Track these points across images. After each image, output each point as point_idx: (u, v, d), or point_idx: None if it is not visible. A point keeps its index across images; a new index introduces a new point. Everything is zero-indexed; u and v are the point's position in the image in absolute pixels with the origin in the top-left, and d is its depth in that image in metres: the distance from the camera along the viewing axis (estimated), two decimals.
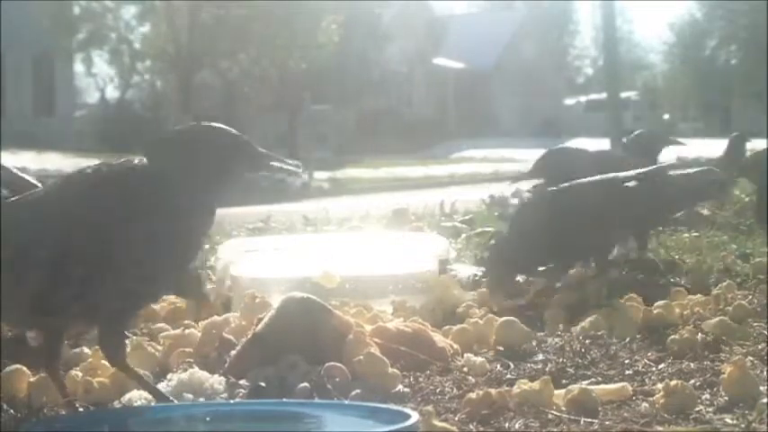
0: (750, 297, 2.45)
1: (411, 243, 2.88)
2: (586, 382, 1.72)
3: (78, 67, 28.09)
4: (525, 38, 38.08)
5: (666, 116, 39.67)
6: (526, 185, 3.18)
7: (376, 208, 6.02)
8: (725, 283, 2.54)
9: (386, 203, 6.39)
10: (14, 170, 1.99)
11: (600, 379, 1.77)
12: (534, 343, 2.05)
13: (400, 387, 1.73)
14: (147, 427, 1.46)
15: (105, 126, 25.15)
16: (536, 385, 1.59)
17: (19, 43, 23.60)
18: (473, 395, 1.57)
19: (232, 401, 1.64)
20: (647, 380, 1.75)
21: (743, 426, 1.44)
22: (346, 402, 1.60)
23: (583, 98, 39.47)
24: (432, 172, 17.56)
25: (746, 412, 1.49)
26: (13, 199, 1.62)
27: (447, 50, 32.80)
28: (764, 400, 1.49)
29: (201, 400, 1.66)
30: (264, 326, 1.88)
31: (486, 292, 2.50)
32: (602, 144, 20.96)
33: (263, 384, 1.69)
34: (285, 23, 20.65)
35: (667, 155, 3.38)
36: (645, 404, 1.58)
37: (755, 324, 2.15)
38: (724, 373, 1.61)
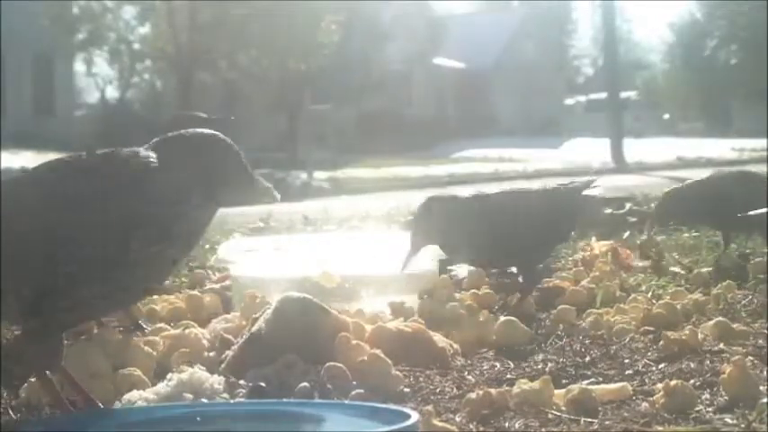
0: (750, 297, 2.46)
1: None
2: (586, 382, 1.72)
3: (78, 66, 28.13)
4: (525, 38, 38.09)
5: (666, 116, 39.67)
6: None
7: (376, 208, 6.03)
8: (725, 283, 2.54)
9: (386, 203, 6.40)
10: None
11: (600, 379, 1.77)
12: (534, 343, 2.06)
13: (400, 387, 1.73)
14: (146, 427, 1.46)
15: (105, 126, 25.16)
16: (536, 385, 1.59)
17: (19, 43, 23.62)
18: (473, 395, 1.57)
19: (232, 401, 1.64)
20: (647, 380, 1.75)
21: (743, 426, 1.44)
22: (346, 402, 1.60)
23: (583, 98, 39.47)
24: (432, 172, 17.54)
25: (746, 412, 1.49)
26: None
27: (447, 50, 32.80)
28: (764, 400, 1.49)
29: (207, 399, 1.66)
30: (262, 325, 1.89)
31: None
32: (603, 144, 21.01)
33: (262, 384, 1.69)
34: (285, 23, 20.65)
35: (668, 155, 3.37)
36: (645, 404, 1.58)
37: (755, 324, 2.16)
38: (724, 373, 1.61)
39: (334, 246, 2.94)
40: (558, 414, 1.53)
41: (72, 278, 1.47)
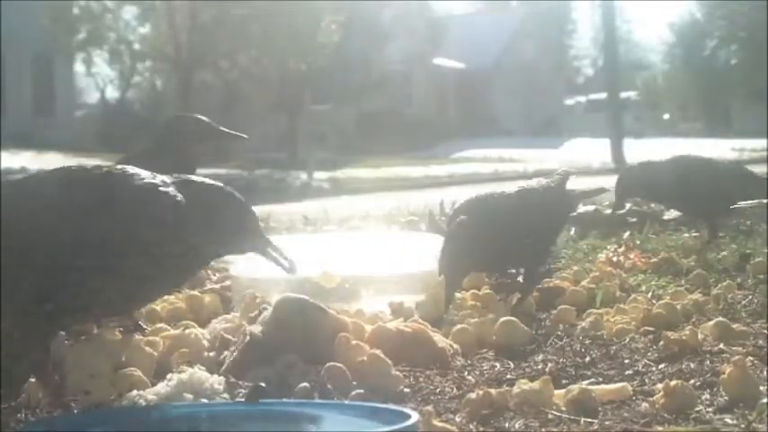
0: (750, 297, 2.46)
1: (411, 243, 2.88)
2: (586, 382, 1.72)
3: (78, 67, 28.11)
4: (525, 38, 38.10)
5: (666, 116, 39.68)
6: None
7: (376, 208, 6.02)
8: (725, 283, 2.54)
9: (386, 203, 6.39)
10: None
11: (600, 379, 1.77)
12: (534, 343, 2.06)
13: (400, 387, 1.73)
14: (146, 427, 1.46)
15: (105, 126, 25.16)
16: (536, 385, 1.59)
17: (19, 43, 23.62)
18: (473, 395, 1.57)
19: (232, 401, 1.64)
20: (647, 380, 1.74)
21: (743, 426, 1.44)
22: (346, 402, 1.60)
23: (583, 98, 39.48)
24: (432, 172, 17.55)
25: (746, 412, 1.49)
26: None
27: (447, 50, 32.81)
28: (764, 400, 1.49)
29: (204, 400, 1.65)
30: (261, 327, 1.89)
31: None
32: (603, 144, 21.01)
33: (263, 384, 1.69)
34: (285, 23, 20.65)
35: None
36: (645, 404, 1.58)
37: (755, 324, 2.16)
38: (724, 374, 1.61)
39: (334, 246, 2.94)
40: (558, 414, 1.53)
41: (64, 284, 1.48)
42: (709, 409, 1.54)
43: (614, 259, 2.99)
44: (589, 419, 1.50)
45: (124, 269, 1.52)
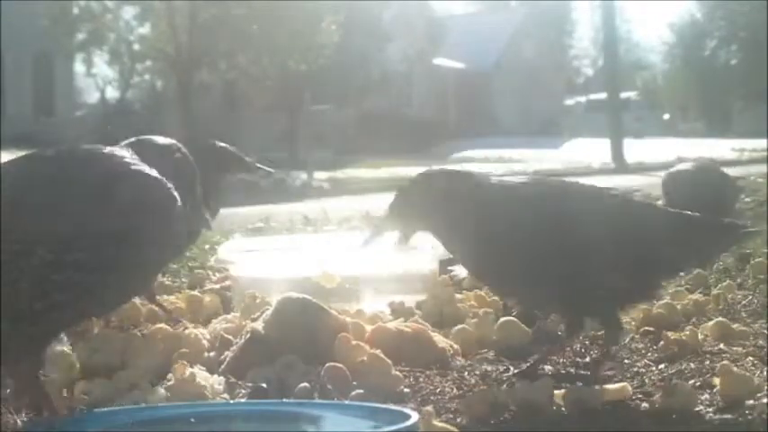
0: (750, 297, 2.46)
1: (411, 243, 2.87)
2: (586, 382, 1.72)
3: (78, 67, 28.10)
4: (525, 38, 38.09)
5: (666, 116, 39.67)
6: None
7: (376, 208, 6.02)
8: (725, 283, 2.54)
9: (386, 203, 6.39)
10: None
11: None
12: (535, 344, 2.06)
13: (400, 387, 1.73)
14: (146, 428, 1.46)
15: (105, 126, 25.12)
16: (536, 385, 1.59)
17: (19, 43, 23.63)
18: (473, 395, 1.57)
19: (232, 401, 1.64)
20: (646, 380, 1.75)
21: (743, 426, 1.44)
22: (346, 402, 1.60)
23: (583, 98, 39.47)
24: None
25: (746, 412, 1.49)
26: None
27: (447, 50, 32.79)
28: (765, 401, 1.49)
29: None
30: (262, 326, 1.89)
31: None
32: (603, 144, 21.01)
33: (264, 385, 1.69)
34: (285, 23, 20.64)
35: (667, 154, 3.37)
36: (645, 404, 1.58)
37: (755, 324, 2.16)
38: (724, 374, 1.61)
39: (334, 246, 2.94)
40: (558, 414, 1.53)
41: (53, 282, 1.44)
42: (709, 410, 1.54)
43: None
44: (589, 419, 1.50)
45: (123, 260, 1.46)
